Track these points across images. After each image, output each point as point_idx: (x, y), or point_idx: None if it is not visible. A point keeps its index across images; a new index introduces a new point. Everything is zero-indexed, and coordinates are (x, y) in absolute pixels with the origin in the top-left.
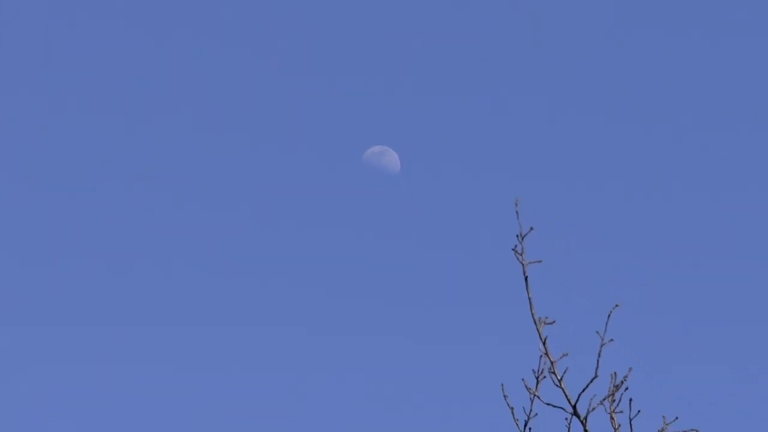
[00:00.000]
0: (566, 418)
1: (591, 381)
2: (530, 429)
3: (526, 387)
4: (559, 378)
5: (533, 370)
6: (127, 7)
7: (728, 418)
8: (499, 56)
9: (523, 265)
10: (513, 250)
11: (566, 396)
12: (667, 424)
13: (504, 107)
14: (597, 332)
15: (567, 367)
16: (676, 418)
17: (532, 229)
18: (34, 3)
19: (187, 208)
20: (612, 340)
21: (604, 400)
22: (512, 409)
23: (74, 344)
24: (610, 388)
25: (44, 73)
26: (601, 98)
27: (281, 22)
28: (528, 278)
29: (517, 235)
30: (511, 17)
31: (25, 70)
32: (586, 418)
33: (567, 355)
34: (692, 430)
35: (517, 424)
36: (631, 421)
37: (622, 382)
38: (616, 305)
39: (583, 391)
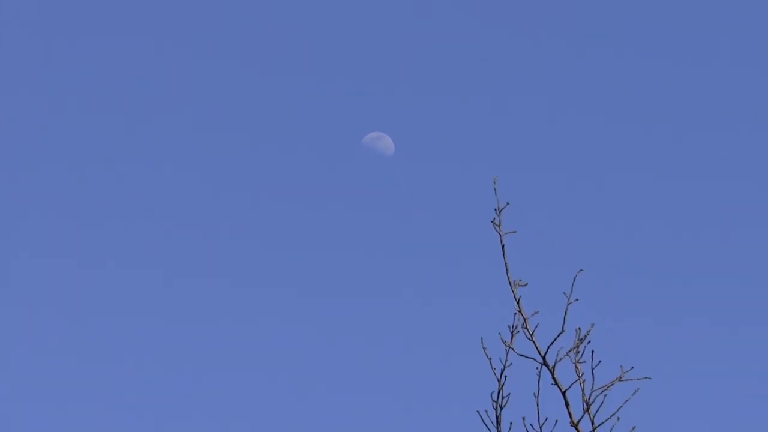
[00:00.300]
0: (537, 368)
1: (558, 335)
2: (506, 377)
3: (502, 340)
4: (530, 333)
5: (508, 326)
6: (127, 7)
7: (677, 369)
8: (487, 49)
9: (500, 235)
10: (491, 222)
11: (537, 348)
12: (624, 373)
13: (488, 97)
14: (564, 293)
15: (538, 323)
16: (632, 367)
17: (508, 203)
18: (33, 3)
19: (191, 198)
20: (577, 299)
21: (569, 351)
22: (490, 359)
23: (77, 338)
24: (574, 341)
25: (43, 73)
26: (583, 89)
27: (284, 20)
28: (504, 246)
29: (495, 209)
30: (499, 10)
31: (25, 69)
32: (554, 367)
33: (538, 312)
34: (645, 377)
35: (494, 372)
36: (593, 370)
37: (585, 336)
38: (581, 270)
39: (552, 344)
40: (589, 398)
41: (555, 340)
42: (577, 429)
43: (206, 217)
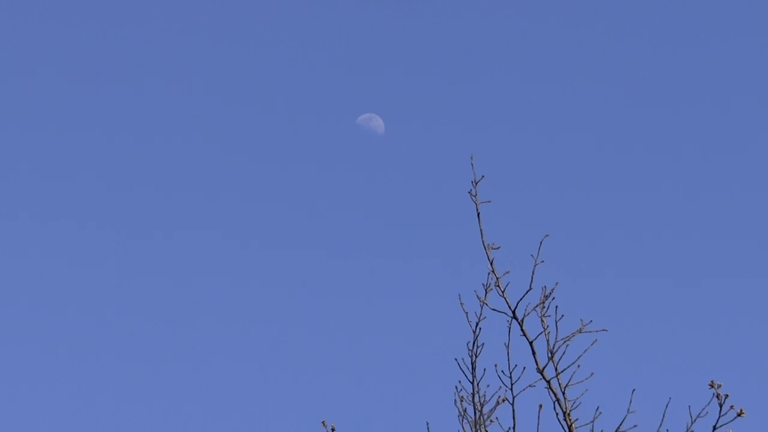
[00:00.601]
0: (507, 321)
1: (526, 292)
2: (480, 329)
3: (477, 297)
4: (502, 290)
5: (483, 284)
6: (123, 5)
7: (632, 322)
8: (468, 39)
9: (476, 204)
10: (469, 193)
11: (508, 304)
12: (584, 325)
13: (469, 82)
14: (531, 255)
15: (509, 282)
16: (591, 321)
17: (483, 177)
18: (31, 2)
19: (193, 190)
20: (543, 261)
21: (536, 306)
22: (467, 313)
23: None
24: (541, 297)
25: (39, 73)
26: (554, 70)
27: (284, 13)
28: (480, 214)
29: (472, 182)
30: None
31: (23, 68)
32: (522, 320)
33: (509, 272)
34: (602, 329)
35: (470, 324)
36: (557, 323)
37: (550, 293)
38: (546, 235)
39: (521, 300)
40: (553, 348)
41: (523, 296)
42: (542, 375)
43: (206, 201)
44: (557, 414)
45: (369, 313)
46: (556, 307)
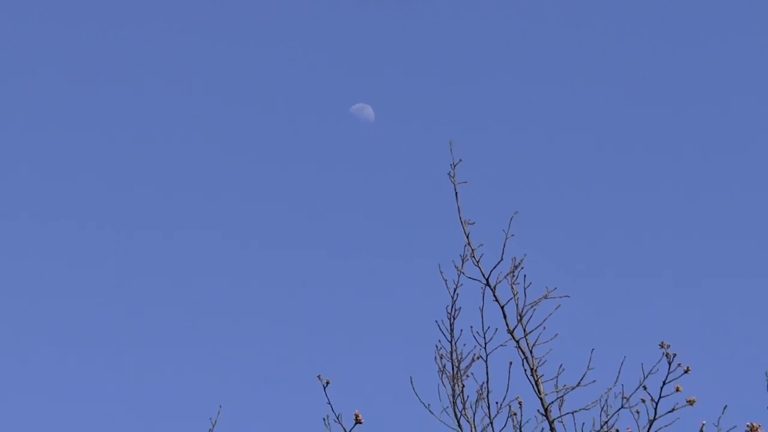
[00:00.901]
0: (481, 288)
1: (498, 263)
2: (457, 294)
3: (454, 266)
4: (477, 260)
5: (460, 255)
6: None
7: (593, 291)
8: (455, 34)
9: (454, 184)
10: (448, 174)
11: (482, 272)
12: (549, 292)
13: (453, 76)
14: (503, 230)
15: (483, 253)
16: (555, 288)
17: (461, 160)
18: (31, 2)
19: (203, 158)
20: (513, 235)
21: (507, 275)
22: (446, 280)
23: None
24: (511, 267)
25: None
26: (553, 69)
27: (284, 18)
28: (458, 193)
29: (451, 165)
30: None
31: (22, 68)
32: (495, 287)
33: (483, 245)
34: (565, 296)
35: (448, 290)
36: (525, 289)
37: (519, 264)
38: (516, 212)
39: (493, 269)
40: (522, 311)
41: (496, 266)
42: (512, 335)
43: (206, 201)
44: (525, 370)
45: (368, 312)
46: (525, 276)
